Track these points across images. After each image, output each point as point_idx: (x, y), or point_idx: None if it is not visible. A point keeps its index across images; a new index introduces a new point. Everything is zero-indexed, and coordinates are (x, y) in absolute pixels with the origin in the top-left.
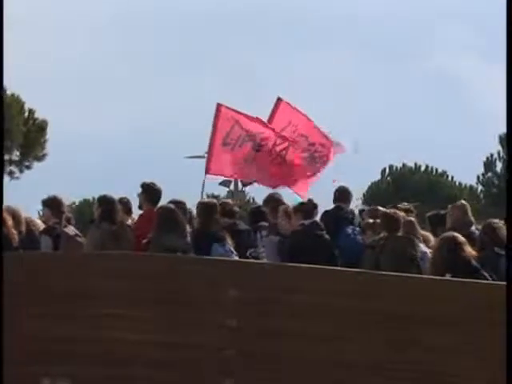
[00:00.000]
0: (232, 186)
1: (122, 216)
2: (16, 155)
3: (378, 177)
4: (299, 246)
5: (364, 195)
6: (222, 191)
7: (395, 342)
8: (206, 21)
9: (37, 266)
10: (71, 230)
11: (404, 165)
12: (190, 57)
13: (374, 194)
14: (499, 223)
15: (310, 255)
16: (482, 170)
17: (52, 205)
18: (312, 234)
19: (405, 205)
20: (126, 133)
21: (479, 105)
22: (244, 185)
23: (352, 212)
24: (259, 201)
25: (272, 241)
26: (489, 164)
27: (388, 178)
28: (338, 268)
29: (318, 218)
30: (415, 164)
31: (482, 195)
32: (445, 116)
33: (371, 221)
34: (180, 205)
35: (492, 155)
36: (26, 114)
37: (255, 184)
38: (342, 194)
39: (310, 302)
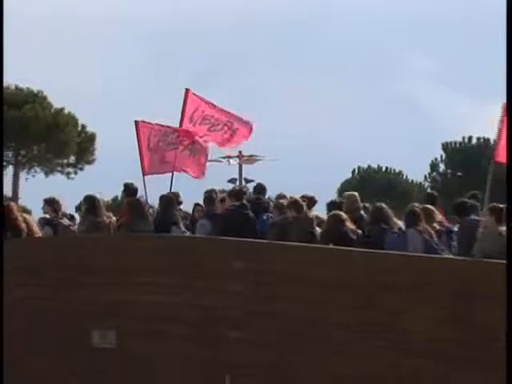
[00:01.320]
0: (237, 182)
1: (104, 211)
2: (72, 160)
3: (349, 175)
4: (230, 220)
5: (338, 189)
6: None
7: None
8: None
9: (85, 245)
10: (66, 221)
11: (369, 166)
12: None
13: (346, 189)
14: (384, 206)
15: (238, 228)
16: (428, 170)
17: (51, 203)
18: (240, 212)
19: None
20: None
21: (428, 120)
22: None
23: (268, 202)
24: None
25: (203, 224)
26: (433, 165)
27: (357, 176)
28: (317, 245)
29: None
30: (378, 165)
31: (428, 190)
32: (403, 128)
33: (282, 201)
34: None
35: (436, 159)
36: (80, 128)
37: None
38: (260, 189)
39: (295, 272)
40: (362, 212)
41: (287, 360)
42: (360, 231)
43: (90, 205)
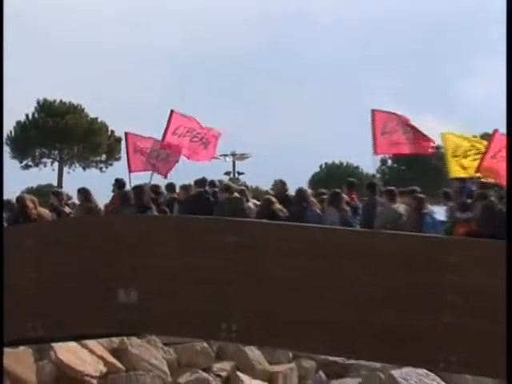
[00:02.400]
0: (231, 175)
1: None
2: (103, 157)
3: (318, 169)
4: (194, 202)
5: (309, 181)
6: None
7: None
8: None
9: (114, 223)
10: (67, 209)
11: (333, 162)
12: None
13: (315, 181)
14: (305, 189)
15: (201, 209)
16: (379, 164)
17: (57, 194)
18: (202, 197)
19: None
20: None
21: None
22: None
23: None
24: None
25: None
26: (383, 161)
27: (324, 170)
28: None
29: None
30: (340, 161)
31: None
32: (364, 133)
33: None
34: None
35: (385, 156)
36: (109, 133)
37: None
38: (203, 181)
39: (275, 245)
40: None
41: (271, 306)
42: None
43: (85, 195)
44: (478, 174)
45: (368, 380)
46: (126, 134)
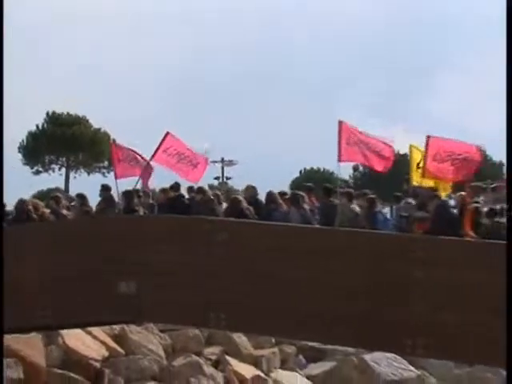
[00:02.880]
0: (220, 179)
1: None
2: (105, 164)
3: (297, 174)
4: (171, 205)
5: (290, 185)
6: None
7: None
8: None
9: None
10: (65, 212)
11: (312, 167)
12: None
13: (295, 185)
14: (274, 192)
15: (177, 211)
16: (351, 171)
17: (56, 198)
18: (178, 200)
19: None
20: None
21: None
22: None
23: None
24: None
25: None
26: (355, 168)
27: (303, 175)
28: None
29: None
30: (317, 167)
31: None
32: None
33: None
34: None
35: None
36: (111, 142)
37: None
38: (177, 186)
39: (257, 242)
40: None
41: (256, 296)
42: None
43: (81, 200)
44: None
45: (342, 363)
46: (110, 145)
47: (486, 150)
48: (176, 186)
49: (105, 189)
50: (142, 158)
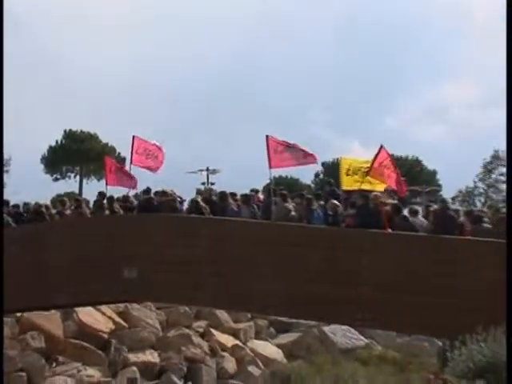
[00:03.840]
0: (206, 185)
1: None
2: None
3: (268, 180)
4: (143, 206)
5: (262, 190)
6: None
7: None
8: None
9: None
10: (68, 212)
11: (280, 175)
12: None
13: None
14: (227, 192)
15: (149, 211)
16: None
17: (62, 202)
18: (149, 202)
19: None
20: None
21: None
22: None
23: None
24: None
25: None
26: (317, 175)
27: (273, 181)
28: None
29: None
30: (286, 175)
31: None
32: None
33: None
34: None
35: (318, 171)
36: (117, 154)
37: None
38: (148, 190)
39: (233, 230)
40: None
41: (234, 278)
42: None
43: (78, 203)
44: (362, 186)
45: (306, 334)
46: (104, 159)
47: (423, 160)
48: (147, 190)
49: (101, 195)
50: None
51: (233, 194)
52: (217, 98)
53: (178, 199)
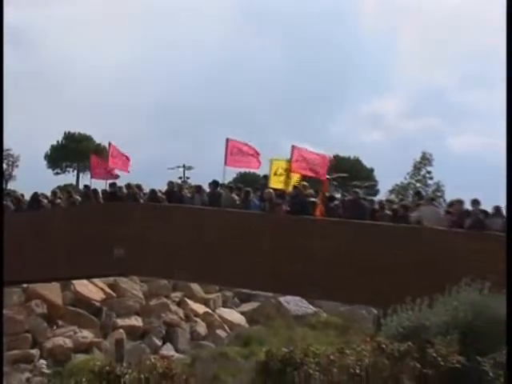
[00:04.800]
0: (182, 179)
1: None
2: None
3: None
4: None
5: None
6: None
7: None
8: None
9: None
10: (58, 201)
11: (245, 171)
12: None
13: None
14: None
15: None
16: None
17: (54, 193)
18: (116, 193)
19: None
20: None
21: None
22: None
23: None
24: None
25: None
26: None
27: (239, 176)
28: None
29: None
30: (249, 171)
31: None
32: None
33: None
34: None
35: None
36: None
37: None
38: (113, 184)
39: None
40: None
41: (207, 259)
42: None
43: (69, 193)
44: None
45: (264, 303)
46: (91, 156)
47: (362, 160)
48: (113, 184)
49: (85, 187)
50: (111, 165)
51: (183, 182)
52: (196, 108)
53: (140, 192)
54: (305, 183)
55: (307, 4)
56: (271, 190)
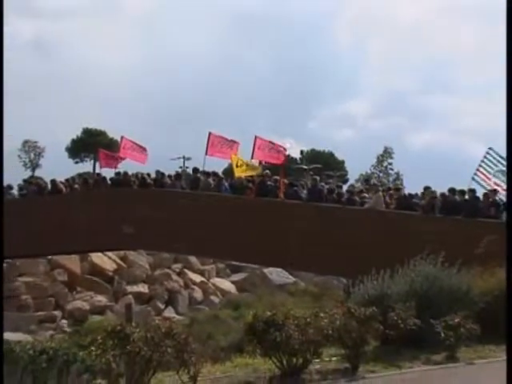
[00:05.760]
0: (182, 168)
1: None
2: None
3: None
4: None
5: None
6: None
7: None
8: None
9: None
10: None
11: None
12: None
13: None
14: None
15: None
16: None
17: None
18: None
19: None
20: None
21: None
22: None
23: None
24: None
25: None
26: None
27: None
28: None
29: None
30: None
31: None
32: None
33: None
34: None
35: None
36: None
37: None
38: (99, 174)
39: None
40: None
41: (202, 235)
42: None
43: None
44: (247, 173)
45: (251, 274)
46: (99, 151)
47: (335, 153)
48: (118, 173)
49: (97, 175)
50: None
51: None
52: (193, 106)
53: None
54: (267, 171)
55: (293, 16)
56: (242, 176)
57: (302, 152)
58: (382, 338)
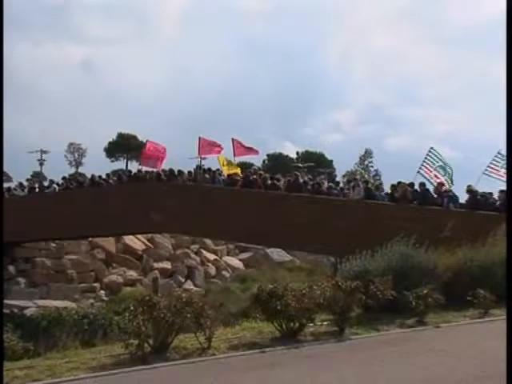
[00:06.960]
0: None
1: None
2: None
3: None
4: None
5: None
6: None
7: None
8: None
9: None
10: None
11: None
12: None
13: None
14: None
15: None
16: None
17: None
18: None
19: None
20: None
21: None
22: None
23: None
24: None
25: None
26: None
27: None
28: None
29: None
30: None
31: None
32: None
33: None
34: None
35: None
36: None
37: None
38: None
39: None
40: None
41: (205, 221)
42: None
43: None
44: (233, 171)
45: (255, 253)
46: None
47: (326, 154)
48: (139, 170)
49: (129, 172)
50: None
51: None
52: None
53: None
54: (256, 168)
55: (293, 40)
56: (231, 173)
57: (297, 153)
58: (364, 306)
